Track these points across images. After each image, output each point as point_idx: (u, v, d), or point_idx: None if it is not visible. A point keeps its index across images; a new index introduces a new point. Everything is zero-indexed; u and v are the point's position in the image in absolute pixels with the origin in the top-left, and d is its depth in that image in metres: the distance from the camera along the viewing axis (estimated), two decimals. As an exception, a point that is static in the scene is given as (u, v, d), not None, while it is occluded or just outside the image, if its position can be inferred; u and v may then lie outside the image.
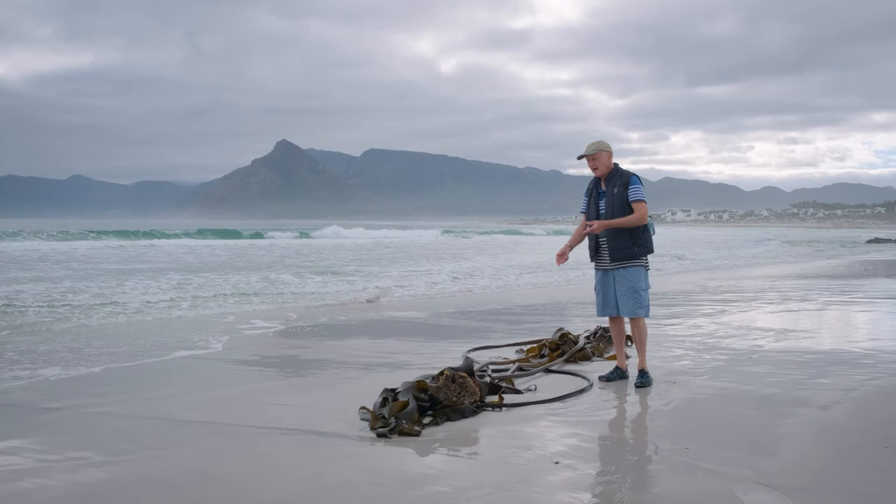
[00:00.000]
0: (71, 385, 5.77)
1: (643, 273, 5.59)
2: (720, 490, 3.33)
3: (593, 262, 5.80)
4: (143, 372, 6.37)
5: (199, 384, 5.92)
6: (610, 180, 5.57)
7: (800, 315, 9.92)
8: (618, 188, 5.51)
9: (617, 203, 5.50)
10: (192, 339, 7.92)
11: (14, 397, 5.36)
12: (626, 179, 5.51)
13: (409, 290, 14.03)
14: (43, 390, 5.57)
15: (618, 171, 5.60)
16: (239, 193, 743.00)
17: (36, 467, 3.74)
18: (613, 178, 5.56)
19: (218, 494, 3.39)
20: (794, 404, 4.86)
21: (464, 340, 7.78)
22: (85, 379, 5.98)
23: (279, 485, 3.49)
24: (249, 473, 3.64)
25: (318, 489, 3.43)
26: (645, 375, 5.57)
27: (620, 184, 5.51)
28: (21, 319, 9.21)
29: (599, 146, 5.60)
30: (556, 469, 3.68)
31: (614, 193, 5.52)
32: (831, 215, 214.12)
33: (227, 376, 6.21)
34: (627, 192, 5.48)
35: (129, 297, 11.65)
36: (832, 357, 6.59)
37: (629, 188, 5.48)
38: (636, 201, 5.48)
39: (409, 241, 44.27)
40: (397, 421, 4.33)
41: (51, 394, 5.45)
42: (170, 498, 3.34)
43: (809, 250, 35.66)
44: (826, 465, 3.73)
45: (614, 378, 5.71)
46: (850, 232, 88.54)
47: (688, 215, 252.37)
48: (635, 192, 5.49)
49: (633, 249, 5.51)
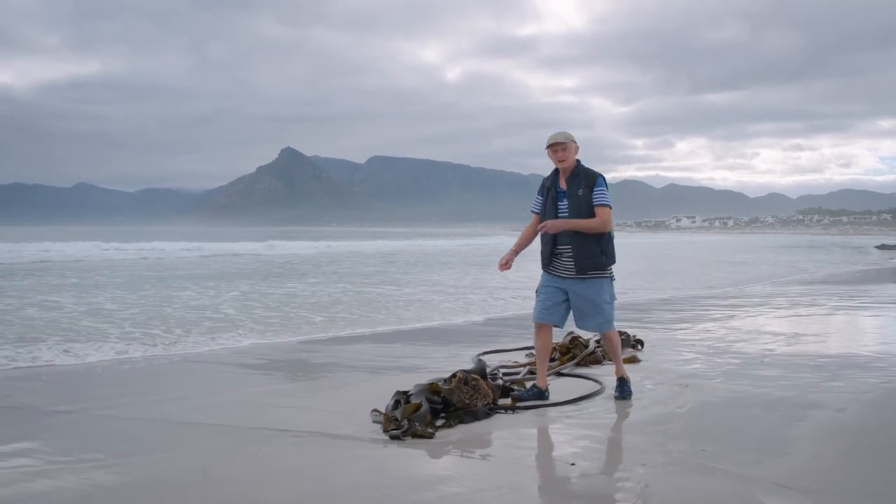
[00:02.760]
0: (78, 387, 5.76)
1: (607, 285, 5.02)
2: (739, 491, 3.29)
3: (547, 270, 5.13)
4: (149, 374, 6.37)
5: (205, 387, 5.89)
6: (573, 179, 4.95)
7: (809, 320, 9.87)
8: (583, 189, 4.89)
9: (584, 206, 4.88)
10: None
11: (19, 400, 5.35)
12: (592, 181, 4.90)
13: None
14: (49, 393, 5.56)
15: (581, 169, 4.98)
16: (243, 200, 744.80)
17: (47, 469, 3.72)
18: (577, 178, 4.94)
19: (221, 496, 3.34)
20: (808, 407, 4.82)
21: (472, 345, 7.75)
22: (90, 380, 5.98)
23: (287, 486, 3.44)
24: (254, 475, 3.59)
25: (330, 491, 3.39)
26: (624, 384, 5.14)
27: (585, 185, 4.89)
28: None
29: (568, 136, 4.97)
30: (572, 471, 3.64)
31: (579, 196, 4.89)
32: (837, 222, 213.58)
33: (233, 379, 6.19)
34: (592, 195, 4.89)
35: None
36: (844, 361, 6.54)
37: (594, 190, 4.88)
38: (600, 206, 4.87)
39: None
40: (410, 423, 4.30)
41: (58, 396, 5.44)
42: (175, 500, 3.31)
43: (848, 255, 35.20)
44: (843, 466, 3.69)
45: (528, 397, 5.07)
46: (857, 238, 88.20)
47: (692, 222, 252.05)
48: (600, 196, 4.87)
49: (600, 259, 4.92)
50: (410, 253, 35.81)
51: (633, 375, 5.92)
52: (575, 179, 4.95)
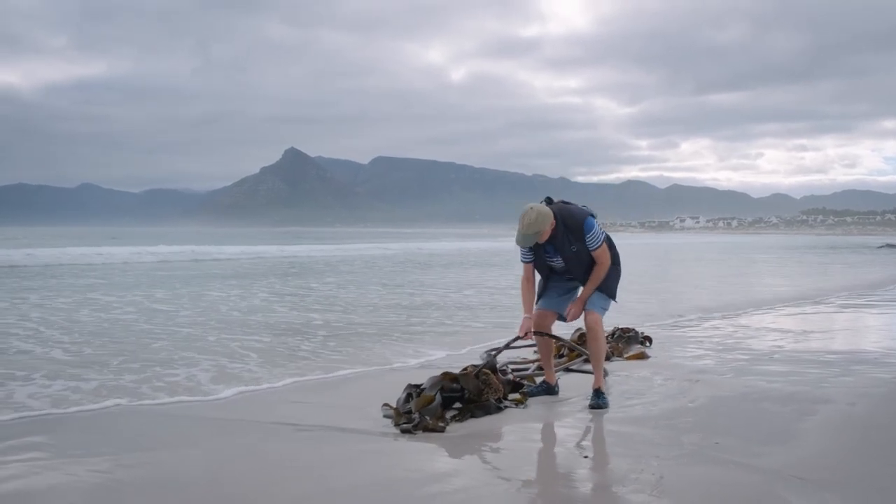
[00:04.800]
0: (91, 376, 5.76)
1: (607, 302, 4.92)
2: (753, 482, 3.29)
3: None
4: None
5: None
6: (561, 241, 4.66)
7: (817, 317, 9.86)
8: (576, 245, 4.64)
9: (584, 258, 4.69)
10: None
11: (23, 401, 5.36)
12: (579, 227, 4.60)
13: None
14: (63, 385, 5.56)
15: (562, 227, 4.62)
16: (247, 201, 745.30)
17: (56, 463, 3.71)
18: (564, 237, 4.64)
19: (229, 492, 3.32)
20: (820, 401, 4.81)
21: (481, 341, 7.73)
22: (99, 372, 5.98)
23: (294, 482, 3.43)
24: (260, 472, 3.58)
25: (338, 486, 3.38)
26: (601, 396, 4.77)
27: (576, 239, 4.62)
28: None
29: (540, 225, 4.53)
30: (585, 463, 3.64)
31: (574, 252, 4.67)
32: (841, 222, 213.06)
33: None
34: (586, 244, 4.65)
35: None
36: (854, 357, 6.53)
37: (586, 237, 4.62)
38: (596, 250, 4.68)
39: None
40: (421, 417, 4.30)
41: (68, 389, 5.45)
42: (180, 497, 3.28)
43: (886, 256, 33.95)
44: (854, 459, 3.69)
45: (539, 393, 5.08)
46: (861, 239, 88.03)
47: (696, 222, 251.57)
48: (593, 241, 4.64)
49: (608, 283, 4.85)
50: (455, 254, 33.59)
51: (643, 371, 5.94)
52: (563, 240, 4.67)
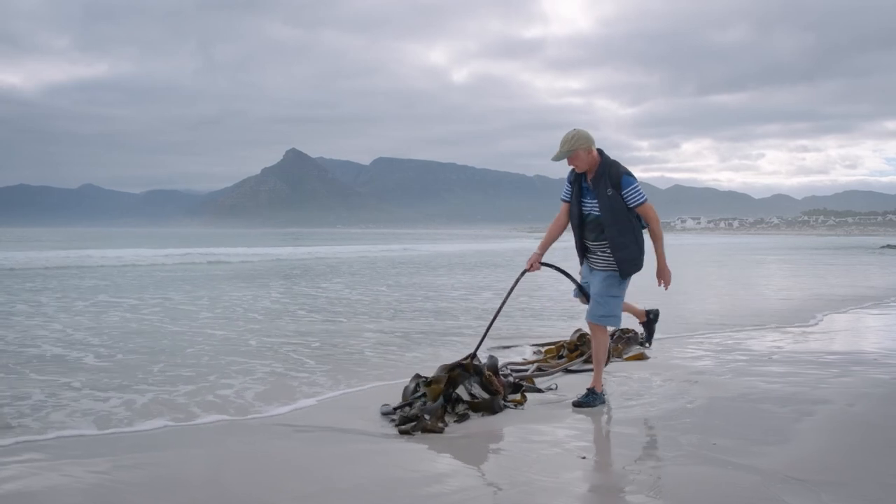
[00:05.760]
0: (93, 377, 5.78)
1: (622, 281, 4.78)
2: (751, 483, 3.30)
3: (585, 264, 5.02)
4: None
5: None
6: (598, 178, 4.64)
7: (817, 318, 9.85)
8: (611, 190, 4.58)
9: (616, 207, 4.59)
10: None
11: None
12: (617, 180, 4.57)
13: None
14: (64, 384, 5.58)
15: (604, 168, 4.62)
16: (248, 202, 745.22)
17: (56, 464, 3.73)
18: (602, 177, 4.62)
19: (229, 492, 3.33)
20: (818, 402, 4.82)
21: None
22: (102, 372, 6.00)
23: (294, 483, 3.46)
24: (261, 473, 3.60)
25: (336, 487, 3.40)
26: (589, 396, 4.77)
27: (612, 185, 4.58)
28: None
29: (575, 143, 4.56)
30: (582, 464, 3.66)
31: (609, 196, 4.59)
32: (842, 223, 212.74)
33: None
34: (622, 196, 4.59)
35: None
36: (853, 358, 6.54)
37: (623, 191, 4.57)
38: (641, 205, 4.60)
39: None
40: (420, 418, 4.32)
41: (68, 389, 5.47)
42: (181, 497, 3.29)
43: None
44: (854, 459, 3.70)
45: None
46: (862, 239, 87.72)
47: (697, 223, 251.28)
48: (636, 196, 4.59)
49: (637, 259, 4.71)
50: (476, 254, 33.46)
51: (642, 372, 5.94)
52: (601, 179, 4.62)
